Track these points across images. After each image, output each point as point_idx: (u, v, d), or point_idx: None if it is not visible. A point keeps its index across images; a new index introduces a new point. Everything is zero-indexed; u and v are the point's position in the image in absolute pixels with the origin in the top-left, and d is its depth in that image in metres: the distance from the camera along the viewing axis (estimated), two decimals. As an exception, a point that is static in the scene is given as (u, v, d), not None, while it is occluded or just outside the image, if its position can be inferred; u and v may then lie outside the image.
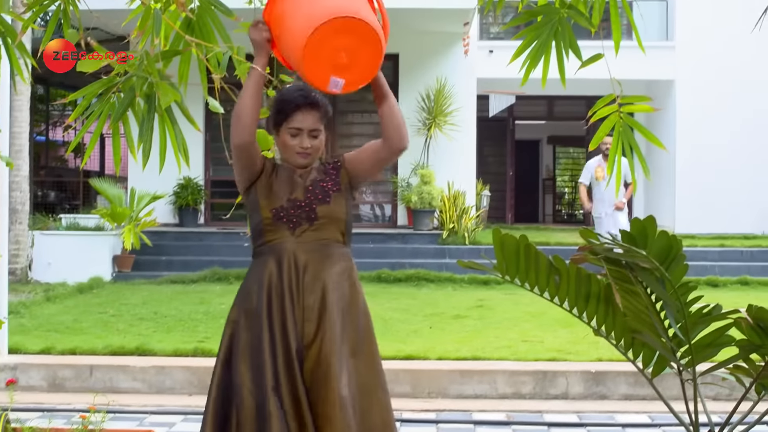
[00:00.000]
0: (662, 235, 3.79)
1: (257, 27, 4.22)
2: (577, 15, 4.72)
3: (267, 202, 4.25)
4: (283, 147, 4.26)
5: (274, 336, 4.15)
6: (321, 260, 4.27)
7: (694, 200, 22.00)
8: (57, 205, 23.49)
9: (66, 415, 7.87)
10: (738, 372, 4.21)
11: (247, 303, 4.25)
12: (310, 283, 4.23)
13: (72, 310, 12.87)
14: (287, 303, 4.19)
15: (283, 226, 4.24)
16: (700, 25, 22.28)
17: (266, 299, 4.19)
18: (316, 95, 4.27)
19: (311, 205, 4.25)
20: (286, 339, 4.15)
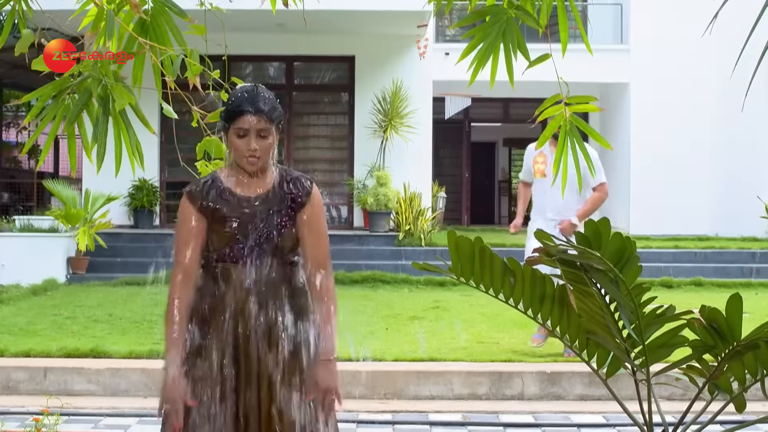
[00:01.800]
0: (616, 236, 3.82)
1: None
2: (524, 16, 4.74)
3: (217, 240, 4.20)
4: (233, 149, 4.18)
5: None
6: (270, 292, 4.25)
7: (648, 202, 22.16)
8: (10, 207, 23.29)
9: (19, 418, 7.81)
10: (691, 372, 4.24)
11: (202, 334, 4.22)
12: (257, 316, 4.21)
13: (26, 312, 12.77)
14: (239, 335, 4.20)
15: (234, 262, 4.20)
16: (654, 28, 22.46)
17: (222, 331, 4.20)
18: (266, 95, 4.22)
19: (261, 244, 4.21)
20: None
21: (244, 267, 4.19)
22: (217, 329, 4.16)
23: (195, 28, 4.56)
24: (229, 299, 4.17)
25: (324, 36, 19.57)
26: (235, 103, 4.15)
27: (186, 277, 4.18)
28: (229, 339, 4.16)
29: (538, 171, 10.26)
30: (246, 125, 4.12)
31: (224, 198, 4.23)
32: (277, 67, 21.28)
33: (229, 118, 4.14)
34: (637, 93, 22.63)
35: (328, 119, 21.24)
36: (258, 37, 19.42)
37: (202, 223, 4.20)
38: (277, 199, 4.28)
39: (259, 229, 4.20)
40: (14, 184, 25.57)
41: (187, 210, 4.22)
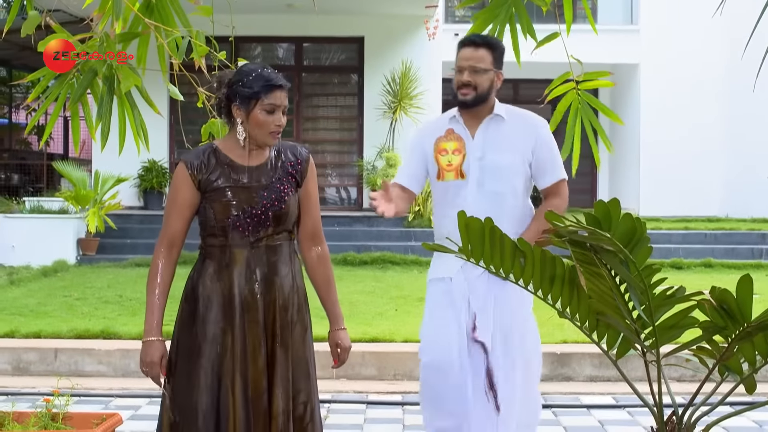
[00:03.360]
0: (626, 217, 3.81)
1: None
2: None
3: (219, 210, 4.21)
4: (257, 125, 4.17)
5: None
6: (270, 266, 4.29)
7: (658, 183, 22.11)
8: (20, 188, 23.33)
9: (30, 399, 7.85)
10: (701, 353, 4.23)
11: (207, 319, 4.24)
12: (265, 293, 4.25)
13: (36, 294, 12.81)
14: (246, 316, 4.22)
15: (237, 233, 4.22)
16: (664, 8, 22.37)
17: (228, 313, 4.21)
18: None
19: (267, 212, 4.23)
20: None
21: (249, 236, 4.23)
22: (225, 302, 4.19)
23: (202, 9, 4.55)
24: (236, 271, 4.21)
25: (333, 17, 19.54)
26: (264, 78, 4.16)
27: (171, 245, 4.28)
28: (239, 311, 4.19)
29: (448, 167, 5.48)
30: (278, 101, 4.18)
31: (226, 167, 4.25)
32: (286, 48, 21.25)
33: (258, 93, 4.14)
34: (646, 74, 22.56)
35: (337, 100, 21.22)
36: (267, 18, 19.40)
37: (196, 196, 4.23)
38: (277, 167, 4.34)
39: (264, 197, 4.24)
40: (24, 165, 25.61)
41: (183, 179, 4.23)
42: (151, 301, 4.24)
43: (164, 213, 4.30)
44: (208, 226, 4.24)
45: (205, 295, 4.22)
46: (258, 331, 4.20)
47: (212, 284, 4.22)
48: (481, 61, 5.28)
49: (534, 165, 5.37)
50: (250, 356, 4.17)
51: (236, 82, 4.20)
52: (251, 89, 4.15)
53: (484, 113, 5.44)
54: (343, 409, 7.88)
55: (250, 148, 4.26)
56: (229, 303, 4.18)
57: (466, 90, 5.37)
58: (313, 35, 20.49)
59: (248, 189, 4.23)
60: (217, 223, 4.20)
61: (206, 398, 4.12)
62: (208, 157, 4.25)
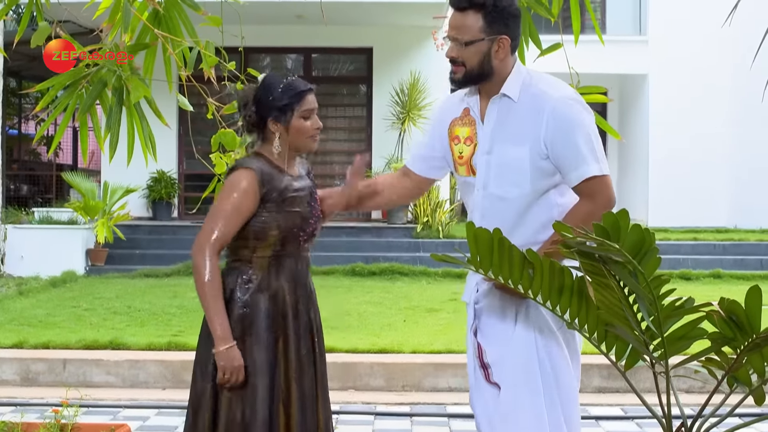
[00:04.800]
0: (635, 228, 3.80)
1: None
2: (536, 5, 4.74)
3: (284, 220, 4.17)
4: (298, 133, 4.19)
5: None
6: (308, 275, 4.36)
7: (667, 194, 22.09)
8: (30, 199, 23.41)
9: (39, 410, 7.85)
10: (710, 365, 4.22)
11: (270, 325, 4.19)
12: (308, 302, 4.32)
13: (45, 304, 12.82)
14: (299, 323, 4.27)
15: (295, 243, 4.22)
16: (672, 19, 22.37)
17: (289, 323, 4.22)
18: None
19: (317, 222, 4.30)
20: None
21: (303, 245, 4.28)
22: (278, 312, 4.19)
23: (211, 20, 4.56)
24: (287, 281, 4.23)
25: (342, 27, 19.58)
26: (294, 86, 4.17)
27: (222, 247, 4.10)
28: (291, 321, 4.22)
29: (459, 159, 4.43)
30: (311, 105, 4.22)
31: (284, 177, 4.22)
32: (295, 58, 21.29)
33: (293, 103, 4.16)
34: (655, 84, 22.55)
35: (345, 111, 21.24)
36: (276, 28, 19.45)
37: (255, 207, 4.12)
38: (307, 178, 4.38)
39: (314, 207, 4.30)
40: (34, 176, 25.69)
41: (251, 186, 4.10)
42: (218, 307, 4.02)
43: (216, 212, 4.09)
44: (267, 236, 4.15)
45: (257, 309, 4.15)
46: (308, 340, 4.26)
47: (263, 296, 4.17)
48: (466, 31, 4.20)
49: (553, 159, 4.16)
50: (303, 365, 4.21)
51: (265, 97, 4.19)
52: (284, 101, 4.16)
53: (494, 91, 4.29)
54: (352, 420, 7.86)
55: (290, 158, 4.27)
56: (282, 313, 4.18)
57: (455, 67, 4.32)
58: (321, 46, 20.52)
59: (304, 198, 4.25)
60: (280, 233, 4.15)
61: (263, 409, 4.10)
62: (267, 167, 4.18)
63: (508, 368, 4.29)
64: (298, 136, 4.20)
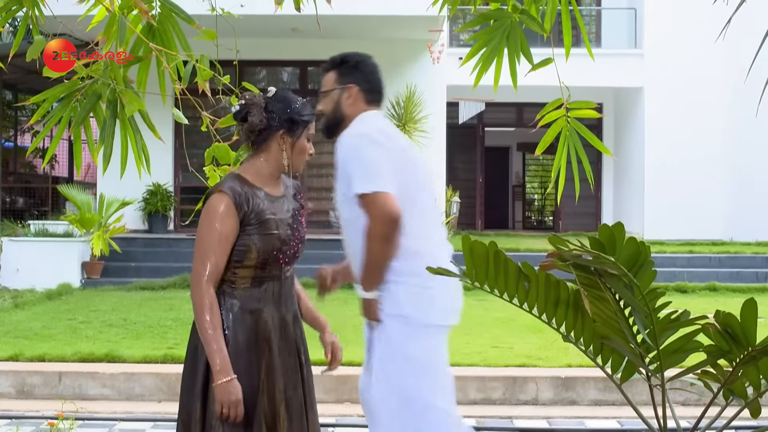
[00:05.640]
0: (630, 241, 3.81)
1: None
2: (528, 20, 4.74)
3: (263, 242, 4.12)
4: (300, 153, 4.23)
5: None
6: (292, 296, 4.33)
7: (662, 206, 22.11)
8: (25, 212, 23.38)
9: (34, 422, 7.84)
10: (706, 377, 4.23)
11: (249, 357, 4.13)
12: (294, 323, 4.30)
13: (40, 317, 12.81)
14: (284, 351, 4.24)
15: (275, 265, 4.18)
16: (668, 32, 22.43)
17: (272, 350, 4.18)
18: None
19: (298, 244, 4.25)
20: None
21: (284, 267, 4.23)
22: (265, 335, 4.15)
23: (206, 33, 4.56)
24: (271, 303, 4.19)
25: (338, 41, 19.55)
26: (308, 107, 4.28)
27: (215, 280, 4.07)
28: (276, 342, 4.18)
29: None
30: (314, 129, 4.31)
31: (263, 198, 4.19)
32: (290, 71, 21.31)
33: (307, 122, 4.25)
34: (651, 97, 22.59)
35: (342, 124, 21.24)
36: (272, 41, 19.48)
37: (237, 229, 4.09)
38: (291, 198, 4.37)
39: (295, 229, 4.27)
40: (29, 189, 25.67)
41: (228, 210, 4.08)
42: (215, 338, 3.98)
43: (205, 245, 4.07)
44: (246, 259, 4.10)
45: (240, 331, 4.11)
46: (294, 361, 4.24)
47: (247, 319, 4.12)
48: (325, 85, 4.94)
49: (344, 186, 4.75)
50: (290, 386, 4.18)
51: (282, 109, 4.20)
52: (302, 117, 4.20)
53: None
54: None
55: (271, 176, 4.25)
56: (265, 336, 4.14)
57: (320, 119, 4.85)
58: (317, 59, 20.47)
59: (283, 221, 4.21)
60: (259, 255, 4.10)
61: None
62: (245, 189, 4.14)
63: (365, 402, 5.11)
64: (299, 155, 4.23)
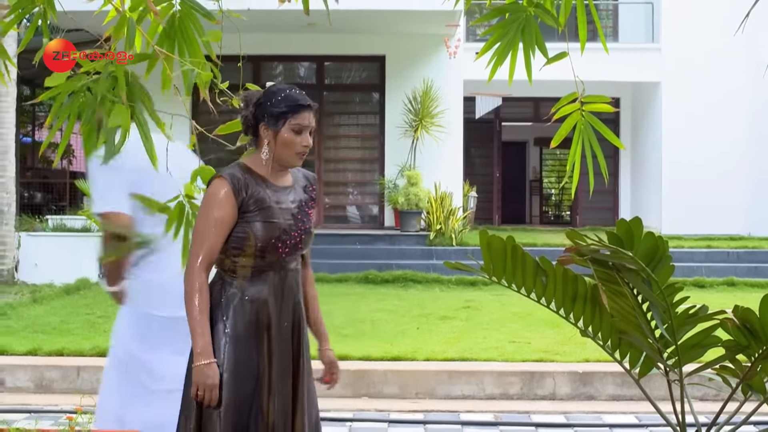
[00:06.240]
0: (648, 236, 3.80)
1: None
2: (543, 13, 4.72)
3: (262, 230, 4.12)
4: (284, 145, 4.14)
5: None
6: (296, 287, 4.29)
7: (680, 201, 22.02)
8: (43, 207, 23.43)
9: (53, 417, 7.86)
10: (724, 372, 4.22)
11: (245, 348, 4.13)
12: (292, 315, 4.25)
13: (59, 312, 12.84)
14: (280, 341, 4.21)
15: (274, 254, 4.16)
16: (685, 27, 22.32)
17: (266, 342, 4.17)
18: None
19: (301, 235, 4.22)
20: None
21: (285, 257, 4.20)
22: (260, 324, 4.14)
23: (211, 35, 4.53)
24: (269, 293, 4.16)
25: (354, 36, 19.60)
26: (293, 98, 4.16)
27: (209, 264, 4.10)
28: (274, 332, 4.16)
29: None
30: (305, 122, 4.17)
31: (264, 186, 4.19)
32: (307, 66, 21.31)
33: (287, 113, 4.15)
34: (668, 92, 22.49)
35: (358, 119, 21.24)
36: (288, 36, 19.48)
37: (235, 216, 4.11)
38: (300, 190, 4.33)
39: (299, 219, 4.23)
40: (47, 184, 25.73)
41: (226, 196, 4.10)
42: (200, 322, 4.01)
43: (200, 229, 4.11)
44: (245, 246, 4.12)
45: (239, 319, 4.12)
46: (289, 353, 4.21)
47: (246, 307, 4.12)
48: None
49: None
50: (282, 378, 4.16)
51: (264, 101, 4.18)
52: (279, 109, 4.13)
53: None
54: (365, 428, 7.86)
55: (274, 168, 4.23)
56: (265, 326, 4.14)
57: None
58: (334, 54, 20.53)
59: (286, 211, 4.20)
60: (256, 243, 4.11)
61: (247, 422, 4.08)
62: (245, 176, 4.16)
63: None
64: (283, 148, 4.16)
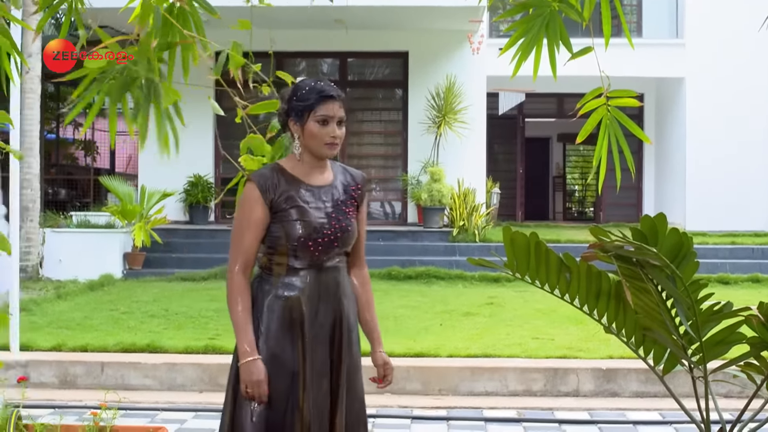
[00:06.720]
0: (673, 232, 3.79)
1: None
2: (567, 8, 4.70)
3: (292, 229, 4.15)
4: (311, 137, 4.16)
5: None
6: (336, 286, 4.26)
7: (704, 197, 21.93)
8: (68, 203, 23.54)
9: (77, 412, 7.90)
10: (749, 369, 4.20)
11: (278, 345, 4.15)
12: (330, 313, 4.23)
13: (83, 308, 12.90)
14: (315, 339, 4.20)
15: (307, 253, 4.17)
16: (709, 22, 22.22)
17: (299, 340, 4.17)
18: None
19: (336, 233, 4.20)
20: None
21: (319, 256, 4.19)
22: (295, 323, 4.15)
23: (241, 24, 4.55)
24: (304, 292, 4.16)
25: (377, 32, 19.60)
26: (317, 89, 4.16)
27: (246, 265, 4.17)
28: (308, 331, 4.16)
29: None
30: (331, 112, 4.15)
31: (296, 186, 4.21)
32: (330, 63, 21.31)
33: (311, 105, 4.15)
34: (692, 88, 22.40)
35: (381, 115, 21.24)
36: (312, 32, 19.50)
37: (268, 215, 4.16)
38: (341, 189, 4.32)
39: (333, 218, 4.22)
40: (71, 180, 25.85)
41: (255, 198, 4.17)
42: (242, 321, 4.10)
43: (235, 232, 4.20)
44: (278, 245, 4.17)
45: (273, 315, 4.15)
46: (324, 353, 4.20)
47: (280, 304, 4.15)
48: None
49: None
50: (317, 376, 4.16)
51: (291, 96, 4.21)
52: (304, 102, 4.14)
53: None
54: (388, 424, 7.87)
55: (310, 165, 4.25)
56: (298, 323, 4.14)
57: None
58: (357, 50, 20.53)
59: (319, 210, 4.20)
60: (288, 242, 4.14)
61: (282, 418, 4.09)
62: (276, 176, 4.20)
63: None
64: (312, 141, 4.17)
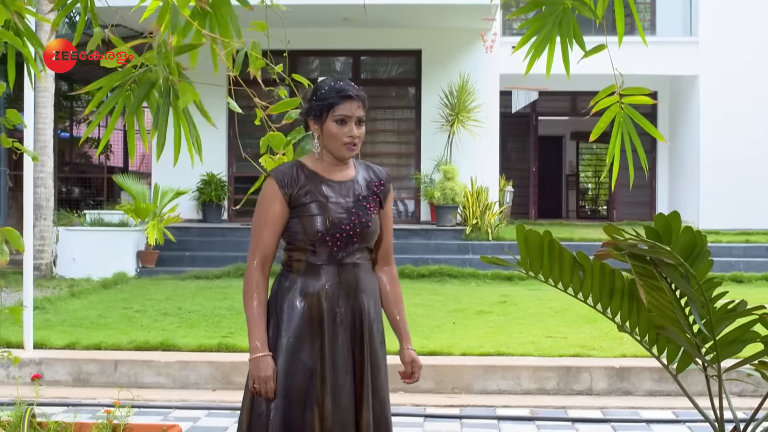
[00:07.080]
0: (687, 230, 3.78)
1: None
2: (581, 6, 4.69)
3: (310, 225, 4.16)
4: (329, 137, 4.18)
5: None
6: (356, 282, 4.25)
7: (718, 195, 21.87)
8: (81, 201, 23.60)
9: (91, 410, 7.92)
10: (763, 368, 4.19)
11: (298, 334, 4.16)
12: (352, 309, 4.23)
13: (96, 306, 12.93)
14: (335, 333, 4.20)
15: (325, 248, 4.18)
16: (723, 20, 22.16)
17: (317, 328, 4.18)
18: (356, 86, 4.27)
19: (355, 229, 4.20)
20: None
21: (338, 252, 4.20)
22: (314, 319, 4.15)
23: (256, 25, 4.56)
24: (324, 287, 4.17)
25: (390, 30, 19.59)
26: (335, 89, 4.17)
27: (265, 261, 4.20)
28: (327, 327, 4.16)
29: None
30: (349, 112, 4.17)
31: (315, 182, 4.22)
32: (343, 61, 21.32)
33: (330, 105, 4.16)
34: (706, 86, 22.34)
35: (394, 113, 21.23)
36: (324, 31, 19.50)
37: (286, 211, 4.18)
38: (363, 185, 4.34)
39: (353, 214, 4.22)
40: (85, 178, 25.91)
41: (273, 194, 4.19)
42: (255, 317, 4.12)
43: (254, 228, 4.23)
44: (296, 240, 4.19)
45: (293, 312, 4.16)
46: (346, 348, 4.20)
47: (299, 300, 4.17)
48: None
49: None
50: (341, 372, 4.17)
51: (311, 96, 4.23)
52: (322, 102, 4.16)
53: None
54: (402, 422, 7.87)
55: (330, 163, 4.26)
56: (318, 319, 4.15)
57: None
58: (370, 48, 20.53)
59: (338, 205, 4.21)
60: (306, 237, 4.16)
61: (301, 415, 4.09)
62: (296, 172, 4.22)
63: None
64: (330, 140, 4.19)
